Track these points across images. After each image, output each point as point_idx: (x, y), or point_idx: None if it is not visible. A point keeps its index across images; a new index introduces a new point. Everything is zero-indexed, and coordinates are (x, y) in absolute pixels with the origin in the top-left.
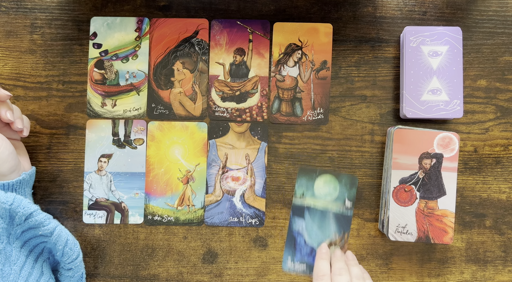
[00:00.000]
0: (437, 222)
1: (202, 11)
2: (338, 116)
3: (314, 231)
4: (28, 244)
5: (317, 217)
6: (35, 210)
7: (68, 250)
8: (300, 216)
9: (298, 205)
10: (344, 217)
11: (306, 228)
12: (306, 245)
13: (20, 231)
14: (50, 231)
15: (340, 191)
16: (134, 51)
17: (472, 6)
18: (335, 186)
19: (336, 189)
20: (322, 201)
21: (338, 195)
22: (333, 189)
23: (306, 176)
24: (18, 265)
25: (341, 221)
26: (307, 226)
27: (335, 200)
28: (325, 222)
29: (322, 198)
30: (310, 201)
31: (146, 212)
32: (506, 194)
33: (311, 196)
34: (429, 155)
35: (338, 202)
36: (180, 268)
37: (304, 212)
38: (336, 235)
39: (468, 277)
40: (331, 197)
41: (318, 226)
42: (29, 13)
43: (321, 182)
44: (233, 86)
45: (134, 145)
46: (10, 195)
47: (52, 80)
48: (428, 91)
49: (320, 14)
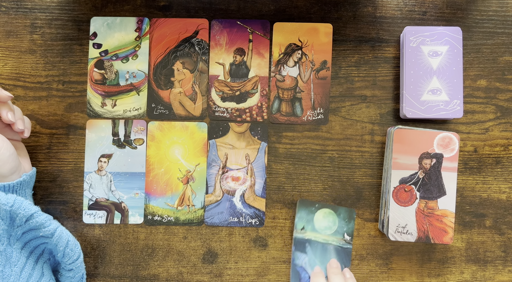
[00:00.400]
0: (437, 222)
1: (202, 11)
2: (338, 116)
3: (315, 266)
4: (29, 245)
5: (319, 251)
6: (36, 211)
7: (69, 251)
8: (302, 251)
9: (299, 239)
10: (344, 250)
11: (309, 262)
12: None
13: (21, 232)
14: (51, 232)
15: (339, 225)
16: (134, 51)
17: (472, 6)
18: (334, 219)
19: (335, 223)
20: (322, 235)
21: (337, 229)
22: (332, 222)
23: (306, 209)
24: (19, 266)
25: (341, 255)
26: (310, 261)
27: (334, 233)
28: (327, 257)
29: (322, 232)
30: (311, 235)
31: (146, 212)
32: (506, 194)
33: (312, 230)
34: (429, 155)
35: (338, 235)
36: (180, 268)
37: (306, 246)
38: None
39: (468, 277)
40: (330, 231)
41: (320, 261)
42: (29, 13)
43: (321, 216)
44: (233, 86)
45: (134, 145)
46: (10, 197)
47: (52, 80)
48: (428, 91)
49: (320, 14)
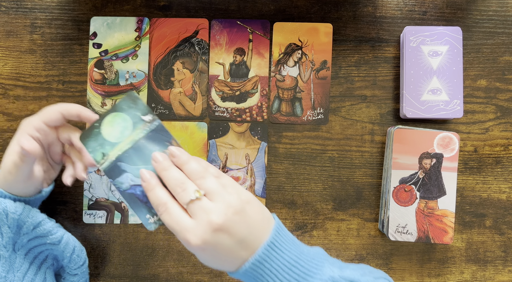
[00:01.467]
0: (437, 222)
1: (202, 11)
2: (338, 116)
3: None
4: (33, 251)
5: (135, 157)
6: (43, 219)
7: (76, 256)
8: (121, 173)
9: (110, 167)
10: (155, 131)
11: (137, 175)
12: None
13: (27, 239)
14: (58, 239)
15: (130, 117)
16: (134, 51)
17: (472, 6)
18: (122, 117)
19: (125, 119)
20: (126, 141)
21: (133, 122)
22: (122, 122)
23: (91, 138)
24: (22, 272)
25: (157, 137)
26: (135, 173)
27: (134, 127)
28: (146, 153)
29: (122, 139)
30: (116, 152)
31: None
32: (506, 194)
33: (112, 147)
34: (429, 155)
35: (138, 125)
36: (180, 268)
37: (120, 166)
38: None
39: (468, 277)
40: (129, 130)
41: (144, 162)
42: (29, 13)
43: (109, 128)
44: (233, 86)
45: None
46: (19, 205)
47: (52, 80)
48: (428, 91)
49: (320, 14)
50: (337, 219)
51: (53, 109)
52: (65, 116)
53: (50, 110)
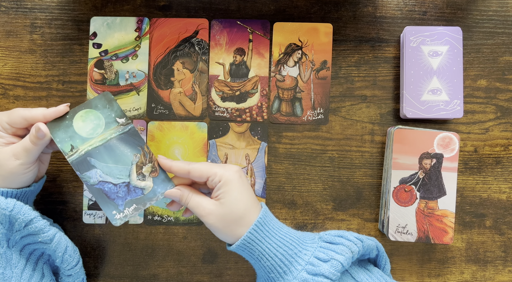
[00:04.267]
0: (437, 222)
1: (202, 11)
2: (338, 116)
3: (114, 169)
4: (27, 248)
5: (105, 154)
6: (35, 217)
7: (68, 257)
8: (90, 168)
9: (77, 160)
10: (128, 133)
11: (105, 172)
12: (118, 186)
13: (19, 236)
14: (50, 238)
15: (104, 116)
16: (134, 51)
17: (472, 6)
18: (95, 115)
19: (99, 117)
20: (97, 138)
21: (105, 122)
22: (95, 119)
23: (60, 129)
24: (19, 268)
25: (129, 140)
26: (104, 170)
27: (106, 127)
28: (117, 153)
29: (93, 135)
30: (85, 147)
31: (146, 212)
32: (506, 194)
33: (82, 142)
34: (429, 155)
35: (111, 126)
36: (180, 268)
37: (89, 161)
38: (137, 156)
39: (468, 277)
40: (101, 128)
41: (114, 161)
42: (29, 13)
43: (80, 122)
44: (233, 86)
45: None
46: (10, 201)
47: (52, 80)
48: (428, 91)
49: (320, 14)
50: (337, 219)
51: (18, 113)
52: (30, 122)
53: (15, 114)
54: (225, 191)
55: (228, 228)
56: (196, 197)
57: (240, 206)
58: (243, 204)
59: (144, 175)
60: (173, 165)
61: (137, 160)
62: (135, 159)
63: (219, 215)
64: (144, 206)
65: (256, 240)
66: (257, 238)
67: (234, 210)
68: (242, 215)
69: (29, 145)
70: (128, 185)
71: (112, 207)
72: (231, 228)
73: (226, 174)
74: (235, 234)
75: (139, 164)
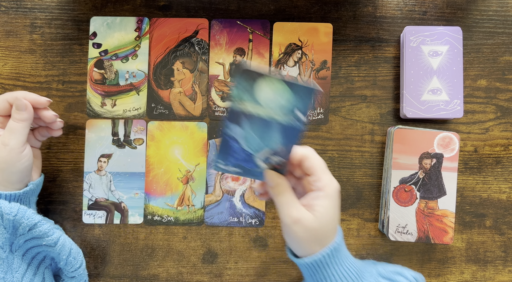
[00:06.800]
0: (437, 222)
1: (202, 11)
2: (338, 116)
3: (253, 140)
4: (30, 252)
5: (258, 126)
6: (39, 220)
7: (72, 259)
8: (237, 123)
9: (233, 111)
10: (293, 129)
11: (245, 137)
12: (244, 151)
13: (23, 240)
14: (54, 241)
15: (290, 101)
16: (134, 51)
17: (472, 6)
18: (282, 94)
19: (283, 97)
20: (264, 109)
21: (287, 105)
22: (280, 96)
23: (244, 80)
24: (20, 272)
25: (288, 134)
26: (246, 135)
27: (283, 108)
28: (268, 133)
29: (263, 105)
30: (250, 108)
31: (146, 212)
32: (506, 194)
33: (253, 101)
34: (429, 155)
35: (287, 111)
36: (180, 268)
37: (241, 119)
38: (280, 147)
39: (468, 277)
40: (276, 105)
41: (260, 136)
42: (29, 13)
43: (267, 87)
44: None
45: (134, 145)
46: (14, 206)
47: (52, 80)
48: (428, 91)
49: (320, 14)
50: None
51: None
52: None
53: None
54: (323, 205)
55: (307, 242)
56: (291, 196)
57: (330, 226)
58: (333, 225)
59: (269, 161)
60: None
61: (276, 148)
62: (275, 147)
63: (307, 226)
64: (245, 175)
65: (325, 263)
66: (326, 262)
67: (323, 227)
68: (326, 235)
69: (13, 125)
70: (250, 156)
71: (223, 157)
72: (310, 243)
73: (331, 187)
74: (309, 249)
75: (273, 151)
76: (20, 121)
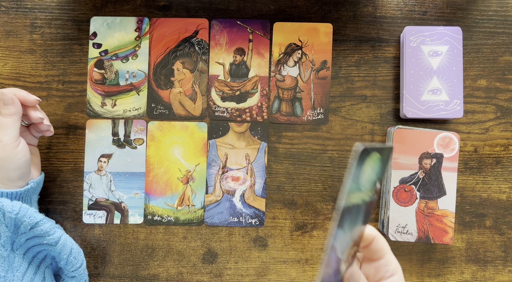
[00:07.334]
0: (437, 222)
1: (202, 11)
2: (338, 116)
3: (344, 238)
4: (31, 251)
5: (350, 217)
6: (41, 219)
7: (73, 259)
8: (340, 227)
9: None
10: (369, 204)
11: (338, 238)
12: (336, 259)
13: (25, 239)
14: (55, 240)
15: (377, 172)
16: (134, 51)
17: (472, 6)
18: (377, 166)
19: (375, 171)
20: (361, 193)
21: (373, 181)
22: (375, 173)
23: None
24: (21, 271)
25: (367, 212)
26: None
27: (368, 188)
28: (356, 221)
29: (364, 188)
30: (356, 197)
31: (146, 212)
32: (506, 194)
33: (357, 190)
34: (429, 155)
35: (369, 188)
36: (180, 268)
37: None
38: (360, 231)
39: (468, 277)
40: (368, 185)
41: (349, 229)
42: (29, 13)
43: (369, 168)
44: (233, 86)
45: (134, 145)
46: (16, 204)
47: (52, 80)
48: (428, 91)
49: (320, 14)
50: None
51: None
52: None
53: None
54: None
55: None
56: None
57: None
58: None
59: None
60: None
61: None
62: (357, 234)
63: None
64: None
65: None
66: None
67: None
68: None
69: (2, 120)
70: (339, 262)
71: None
72: None
73: (400, 268)
74: None
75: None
76: (8, 116)
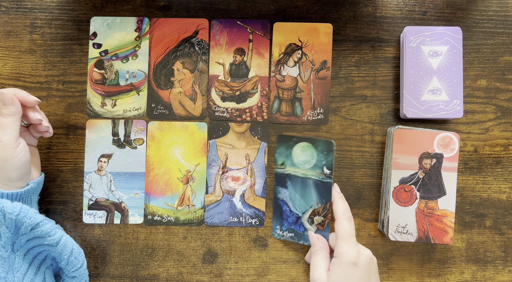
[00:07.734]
0: (437, 222)
1: (202, 11)
2: (338, 116)
3: (297, 200)
4: (32, 252)
5: (299, 185)
6: (41, 220)
7: (73, 259)
8: (283, 186)
9: (280, 174)
10: (324, 184)
11: (290, 197)
12: (292, 213)
13: (25, 240)
14: (56, 241)
15: (317, 158)
16: (134, 51)
17: (472, 6)
18: (312, 153)
19: (313, 157)
20: (301, 170)
21: (315, 163)
22: (310, 156)
23: (285, 144)
24: (21, 272)
25: (321, 190)
26: (290, 195)
27: (313, 167)
28: (307, 191)
29: (301, 166)
30: (291, 170)
31: (146, 212)
32: (506, 194)
33: (291, 165)
34: (429, 155)
35: (317, 169)
36: (180, 268)
37: (286, 181)
38: (318, 205)
39: (468, 277)
40: (309, 165)
41: (301, 195)
42: (29, 13)
43: (299, 150)
44: (233, 86)
45: (134, 145)
46: (16, 205)
47: (52, 80)
48: (428, 91)
49: (320, 14)
50: None
51: None
52: None
53: None
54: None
55: None
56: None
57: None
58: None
59: (313, 221)
60: None
61: (316, 207)
62: (315, 206)
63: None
64: (298, 241)
65: None
66: None
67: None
68: None
69: (2, 121)
70: (298, 218)
71: (279, 222)
72: None
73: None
74: None
75: (315, 211)
76: (8, 116)
